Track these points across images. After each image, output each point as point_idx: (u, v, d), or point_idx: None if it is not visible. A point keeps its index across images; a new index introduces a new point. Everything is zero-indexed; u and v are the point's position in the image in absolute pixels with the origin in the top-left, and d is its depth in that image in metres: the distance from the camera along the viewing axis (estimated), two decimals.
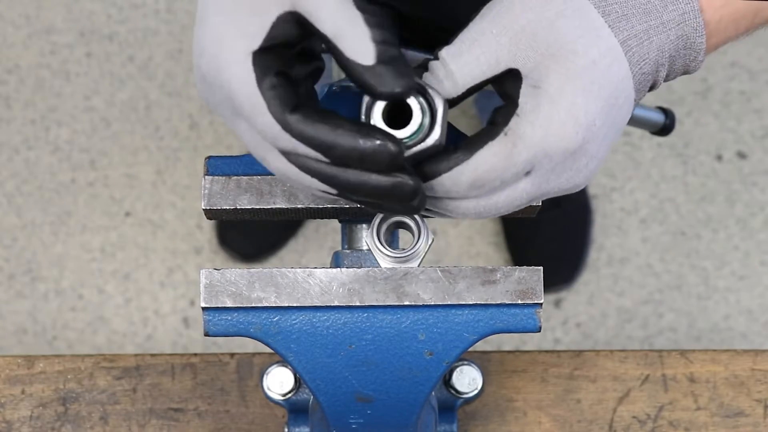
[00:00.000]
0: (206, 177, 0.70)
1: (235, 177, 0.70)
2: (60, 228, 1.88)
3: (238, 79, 0.58)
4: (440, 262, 1.86)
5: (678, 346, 1.83)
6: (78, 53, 1.96)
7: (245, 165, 0.70)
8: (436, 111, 0.59)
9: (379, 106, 0.58)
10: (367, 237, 0.70)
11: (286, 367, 0.83)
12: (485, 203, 0.61)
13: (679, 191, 1.90)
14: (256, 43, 0.58)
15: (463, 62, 0.59)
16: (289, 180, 0.61)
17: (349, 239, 0.74)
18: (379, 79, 0.57)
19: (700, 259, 1.87)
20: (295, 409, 0.83)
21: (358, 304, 0.68)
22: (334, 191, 0.60)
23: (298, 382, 0.83)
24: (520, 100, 0.59)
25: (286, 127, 0.58)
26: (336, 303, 0.68)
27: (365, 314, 0.68)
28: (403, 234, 0.73)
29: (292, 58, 0.60)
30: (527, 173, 0.60)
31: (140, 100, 1.94)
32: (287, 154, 0.59)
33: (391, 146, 0.57)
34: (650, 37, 0.59)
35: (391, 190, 0.58)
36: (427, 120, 0.59)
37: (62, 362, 0.92)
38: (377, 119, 0.58)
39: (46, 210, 1.89)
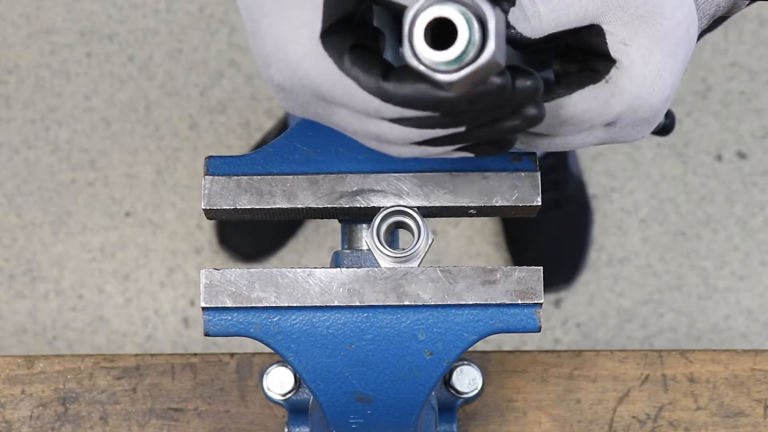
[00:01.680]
0: (206, 177, 0.70)
1: (235, 177, 0.70)
2: (60, 228, 1.88)
3: (317, 69, 0.56)
4: (440, 262, 1.86)
5: (678, 346, 1.83)
6: (78, 53, 1.96)
7: (245, 165, 0.70)
8: (487, 23, 0.51)
9: (420, 25, 0.51)
10: (367, 237, 0.70)
11: (286, 367, 0.83)
12: (562, 140, 0.62)
13: (679, 191, 1.90)
14: (317, 27, 0.56)
15: (552, 7, 0.58)
16: (417, 150, 0.59)
17: (349, 239, 0.74)
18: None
19: (700, 259, 1.87)
20: (295, 409, 0.83)
21: (358, 304, 0.68)
22: (466, 140, 0.58)
23: (298, 382, 0.83)
24: (615, 56, 0.59)
25: (386, 97, 0.55)
26: (336, 303, 0.68)
27: (365, 314, 0.68)
28: (403, 234, 0.74)
29: (356, 27, 0.58)
30: (609, 123, 0.61)
31: (140, 100, 1.94)
32: (399, 121, 0.57)
33: (498, 81, 0.54)
34: None
35: (514, 97, 0.55)
36: (477, 36, 0.50)
37: (62, 362, 0.92)
38: (419, 40, 0.51)
39: (46, 210, 1.89)
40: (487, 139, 0.59)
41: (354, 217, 0.72)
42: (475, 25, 0.50)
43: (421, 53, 0.51)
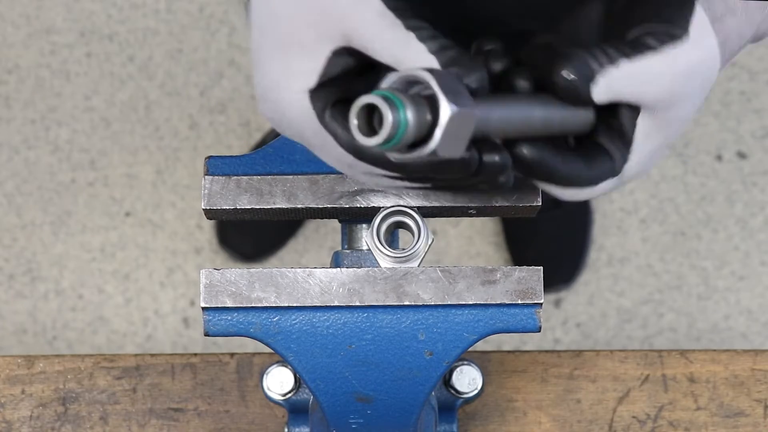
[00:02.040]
0: (206, 177, 0.70)
1: (235, 177, 0.70)
2: (60, 228, 1.88)
3: (301, 119, 0.59)
4: (440, 262, 1.86)
5: (678, 346, 1.83)
6: (78, 53, 1.96)
7: (245, 165, 0.70)
8: (438, 111, 0.51)
9: (354, 111, 0.52)
10: (367, 237, 0.70)
11: (286, 367, 0.83)
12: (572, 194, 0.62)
13: (679, 191, 1.90)
14: (312, 81, 0.59)
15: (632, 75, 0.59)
16: (381, 187, 0.62)
17: (349, 239, 0.74)
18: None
19: (700, 259, 1.87)
20: (295, 409, 0.83)
21: (358, 304, 0.68)
22: (426, 186, 0.60)
23: (298, 382, 0.83)
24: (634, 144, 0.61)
25: (358, 155, 0.58)
26: (336, 303, 0.68)
27: (365, 314, 0.68)
28: (403, 234, 0.74)
29: (349, 81, 0.60)
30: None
31: (140, 100, 1.94)
32: (371, 172, 0.60)
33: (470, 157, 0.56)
34: (738, 33, 0.63)
35: (480, 171, 0.57)
36: (410, 119, 0.50)
37: (62, 362, 0.92)
38: (353, 125, 0.52)
39: (46, 210, 1.89)
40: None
41: (354, 217, 0.72)
42: (408, 114, 0.50)
43: (357, 137, 0.52)
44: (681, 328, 1.84)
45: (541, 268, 0.69)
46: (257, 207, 0.69)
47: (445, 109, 0.51)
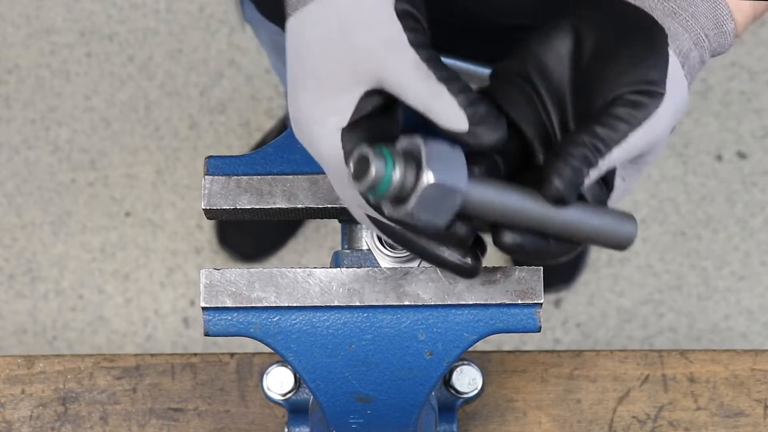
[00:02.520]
0: (206, 177, 0.70)
1: (235, 177, 0.70)
2: (60, 228, 1.88)
3: (329, 154, 0.62)
4: None
5: (678, 346, 1.83)
6: (78, 53, 1.96)
7: (245, 165, 0.70)
8: (421, 175, 0.57)
9: (352, 161, 0.58)
10: (366, 237, 0.70)
11: (286, 367, 0.83)
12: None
13: (679, 191, 1.90)
14: (344, 120, 0.61)
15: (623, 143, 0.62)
16: (380, 232, 0.65)
17: (349, 239, 0.74)
18: (477, 138, 0.60)
19: (700, 259, 1.87)
20: (295, 409, 0.83)
21: (358, 304, 0.68)
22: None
23: (298, 382, 0.83)
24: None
25: (367, 200, 0.61)
26: (336, 303, 0.68)
27: (365, 314, 0.68)
28: None
29: (384, 117, 0.63)
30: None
31: (140, 100, 1.94)
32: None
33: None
34: (703, 59, 0.65)
35: (455, 267, 0.63)
36: (396, 175, 0.56)
37: (62, 362, 0.92)
38: (348, 166, 0.58)
39: (46, 210, 1.89)
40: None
41: (354, 218, 0.72)
42: (395, 170, 0.56)
43: (349, 179, 0.58)
44: (681, 328, 1.84)
45: (541, 268, 0.69)
46: (257, 207, 0.69)
47: (425, 177, 0.56)
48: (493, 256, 1.88)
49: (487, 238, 0.64)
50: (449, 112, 0.60)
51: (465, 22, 0.84)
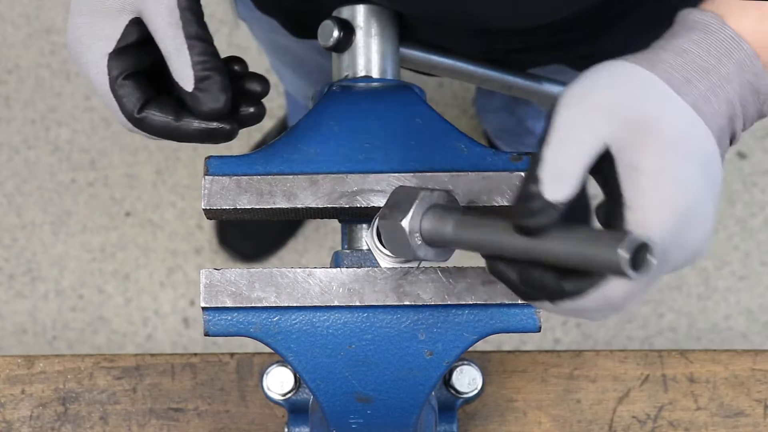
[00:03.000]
0: (206, 177, 0.70)
1: (235, 177, 0.70)
2: (60, 228, 1.88)
3: (96, 79, 0.67)
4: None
5: (678, 346, 1.83)
6: None
7: (245, 165, 0.70)
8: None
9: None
10: (366, 237, 0.70)
11: (286, 367, 0.83)
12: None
13: None
14: (111, 46, 0.66)
15: (567, 152, 0.58)
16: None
17: (349, 239, 0.74)
18: (197, 102, 0.65)
19: (700, 259, 1.87)
20: (295, 409, 0.83)
21: (358, 304, 0.68)
22: None
23: (298, 382, 0.83)
24: (623, 189, 0.58)
25: (137, 124, 0.67)
26: (336, 303, 0.68)
27: (365, 314, 0.68)
28: None
29: (147, 54, 0.67)
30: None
31: None
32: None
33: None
34: (716, 93, 0.60)
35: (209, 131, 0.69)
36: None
37: (62, 362, 0.92)
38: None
39: (46, 210, 1.89)
40: None
41: (354, 217, 0.72)
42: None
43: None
44: (681, 328, 1.84)
45: None
46: (257, 207, 0.69)
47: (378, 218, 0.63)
48: None
49: None
50: (182, 69, 0.65)
51: (465, 24, 0.85)
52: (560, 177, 0.57)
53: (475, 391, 0.83)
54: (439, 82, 1.92)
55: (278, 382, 0.83)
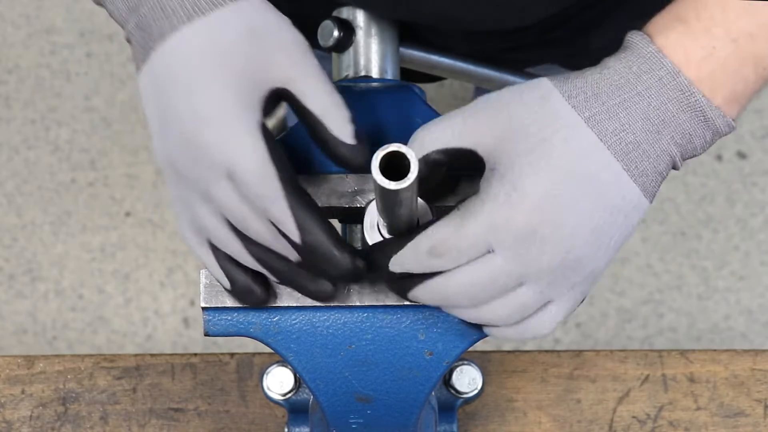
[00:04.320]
0: None
1: None
2: (60, 228, 1.88)
3: (246, 148, 0.61)
4: None
5: (678, 346, 1.83)
6: (78, 53, 1.96)
7: None
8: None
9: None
10: (367, 237, 0.70)
11: (286, 367, 0.83)
12: (486, 311, 0.63)
13: (679, 191, 1.90)
14: (258, 115, 0.62)
15: (432, 131, 0.62)
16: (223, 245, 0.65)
17: (349, 239, 0.74)
18: (357, 155, 0.63)
19: (700, 259, 1.87)
20: (295, 409, 0.83)
21: (358, 304, 0.68)
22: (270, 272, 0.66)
23: (298, 382, 0.83)
24: (480, 184, 0.61)
25: (288, 196, 0.61)
26: (336, 303, 0.68)
27: (365, 314, 0.68)
28: None
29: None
30: (492, 251, 0.60)
31: (140, 100, 1.94)
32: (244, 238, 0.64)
33: (358, 265, 0.63)
34: (627, 108, 0.60)
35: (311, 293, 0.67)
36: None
37: (62, 362, 0.92)
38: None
39: (46, 210, 1.89)
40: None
41: (354, 218, 0.72)
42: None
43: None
44: (681, 328, 1.84)
45: None
46: None
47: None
48: None
49: None
50: (343, 123, 0.63)
51: (456, 26, 0.85)
52: (420, 142, 0.64)
53: (475, 391, 0.83)
54: (439, 82, 1.92)
55: (278, 382, 0.83)
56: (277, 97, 0.63)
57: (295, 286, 0.66)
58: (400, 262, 0.63)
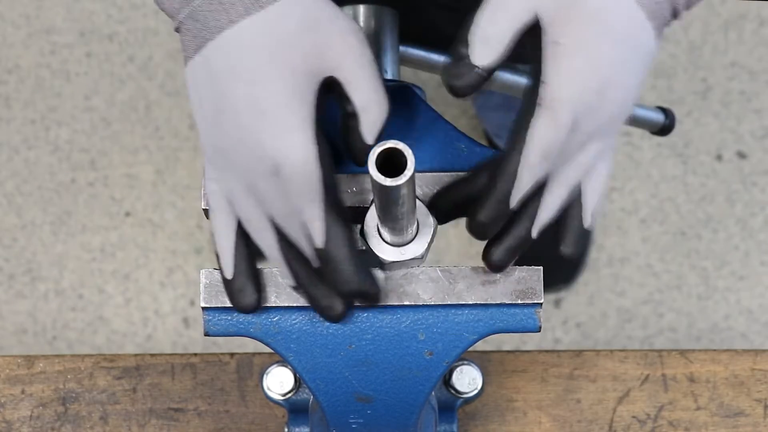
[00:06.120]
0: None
1: None
2: (60, 228, 1.88)
3: (296, 145, 0.61)
4: (440, 262, 1.86)
5: (678, 346, 1.83)
6: (78, 53, 1.96)
7: None
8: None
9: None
10: (367, 236, 0.70)
11: (286, 367, 0.83)
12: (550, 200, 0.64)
13: (679, 191, 1.90)
14: (311, 109, 0.61)
15: (497, 18, 0.61)
16: (263, 243, 0.65)
17: None
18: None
19: (700, 259, 1.87)
20: (295, 409, 0.83)
21: (358, 303, 0.68)
22: (293, 280, 0.66)
23: (298, 382, 0.83)
24: (544, 65, 0.61)
25: (324, 200, 0.62)
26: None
27: (365, 314, 0.68)
28: None
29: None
30: (574, 131, 0.61)
31: (140, 100, 1.94)
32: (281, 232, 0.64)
33: (375, 291, 0.64)
34: None
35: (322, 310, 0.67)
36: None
37: (62, 362, 0.92)
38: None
39: (46, 210, 1.89)
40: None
41: (354, 217, 0.72)
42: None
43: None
44: (681, 328, 1.84)
45: (541, 268, 0.69)
46: None
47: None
48: None
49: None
50: (376, 122, 0.63)
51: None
52: (487, 42, 0.61)
53: (475, 391, 0.83)
54: (439, 82, 1.91)
55: (278, 382, 0.83)
56: (328, 87, 0.63)
57: (309, 296, 0.66)
58: (519, 188, 0.62)
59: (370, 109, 0.63)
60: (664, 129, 1.13)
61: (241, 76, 0.61)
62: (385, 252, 0.67)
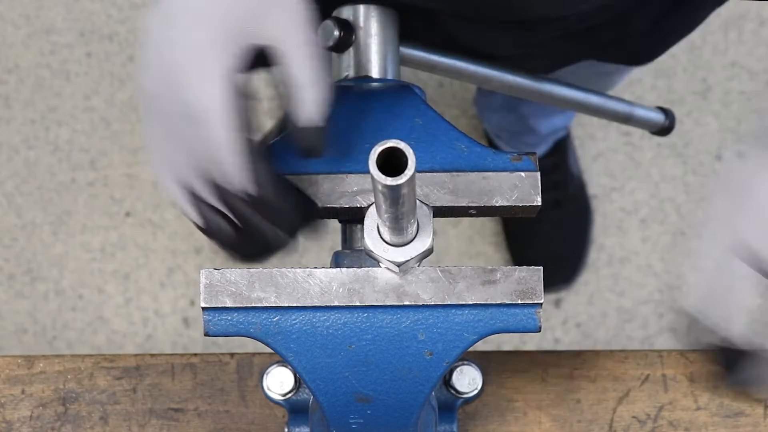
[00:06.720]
0: None
1: None
2: (60, 228, 1.88)
3: (205, 91, 0.62)
4: (440, 262, 1.86)
5: (678, 346, 1.83)
6: (78, 53, 1.96)
7: None
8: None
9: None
10: (367, 236, 0.70)
11: (286, 367, 0.83)
12: None
13: (679, 191, 1.90)
14: (232, 62, 0.63)
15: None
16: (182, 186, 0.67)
17: (349, 239, 0.74)
18: (319, 141, 0.64)
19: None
20: (295, 409, 0.83)
21: (358, 304, 0.68)
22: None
23: (298, 382, 0.83)
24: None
25: (244, 149, 0.63)
26: (336, 303, 0.68)
27: (365, 314, 0.68)
28: None
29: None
30: None
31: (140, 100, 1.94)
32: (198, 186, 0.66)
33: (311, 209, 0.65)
34: None
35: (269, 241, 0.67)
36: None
37: (62, 362, 0.92)
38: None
39: (46, 210, 1.89)
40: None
41: (354, 218, 0.72)
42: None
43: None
44: (681, 328, 1.84)
45: (541, 268, 0.69)
46: None
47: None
48: (493, 257, 1.88)
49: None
50: (315, 103, 0.63)
51: (502, 16, 0.84)
52: None
53: (475, 391, 0.83)
54: (439, 82, 1.92)
55: (278, 382, 0.83)
56: (264, 57, 0.64)
57: (252, 231, 0.67)
58: None
59: (307, 86, 0.63)
60: (664, 129, 1.13)
61: (172, 22, 0.63)
62: (384, 262, 0.68)
